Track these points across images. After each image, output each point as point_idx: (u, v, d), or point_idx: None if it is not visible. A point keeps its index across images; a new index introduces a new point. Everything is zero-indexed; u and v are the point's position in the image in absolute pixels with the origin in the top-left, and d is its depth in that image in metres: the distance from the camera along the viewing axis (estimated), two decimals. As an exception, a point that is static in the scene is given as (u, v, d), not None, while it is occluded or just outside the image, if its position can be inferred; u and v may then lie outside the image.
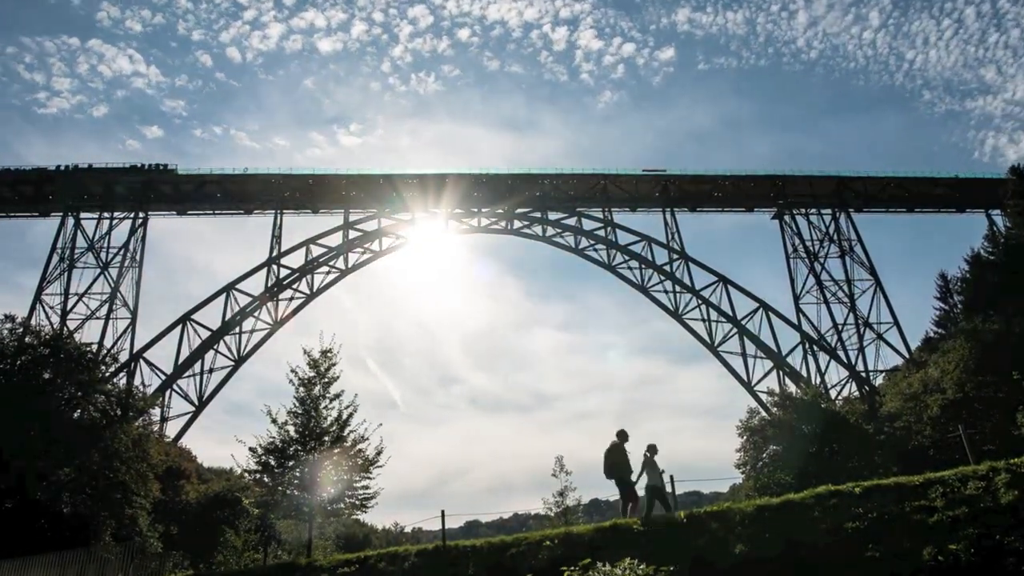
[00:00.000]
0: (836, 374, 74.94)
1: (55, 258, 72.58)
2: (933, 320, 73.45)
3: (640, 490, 20.69)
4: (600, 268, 79.98)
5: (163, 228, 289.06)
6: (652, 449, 20.90)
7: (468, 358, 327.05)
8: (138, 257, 74.37)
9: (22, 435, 35.80)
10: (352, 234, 77.57)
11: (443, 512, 23.79)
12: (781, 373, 72.46)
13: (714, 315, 76.36)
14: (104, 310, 70.27)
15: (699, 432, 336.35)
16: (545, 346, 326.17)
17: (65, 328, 64.55)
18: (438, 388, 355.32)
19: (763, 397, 66.25)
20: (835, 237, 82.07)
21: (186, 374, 69.12)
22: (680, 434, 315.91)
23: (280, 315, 74.60)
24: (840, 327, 77.70)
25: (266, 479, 29.88)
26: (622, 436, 21.50)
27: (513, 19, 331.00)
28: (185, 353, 69.13)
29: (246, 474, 31.40)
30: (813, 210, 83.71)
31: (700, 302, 76.82)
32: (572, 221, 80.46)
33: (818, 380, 71.85)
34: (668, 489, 20.92)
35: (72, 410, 40.84)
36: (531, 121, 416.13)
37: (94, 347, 59.17)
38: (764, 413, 57.67)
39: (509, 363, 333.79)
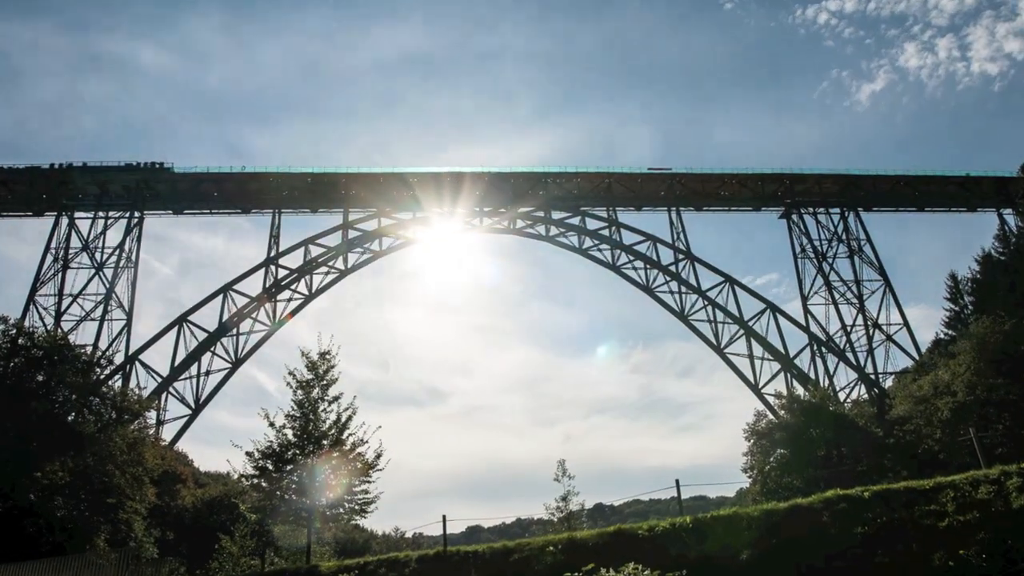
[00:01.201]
0: (845, 376, 74.90)
1: (49, 258, 72.66)
2: (943, 321, 73.55)
3: None
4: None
5: (160, 228, 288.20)
6: None
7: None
8: (133, 257, 74.48)
9: (15, 438, 35.82)
10: (351, 234, 77.56)
11: (444, 517, 23.84)
12: (789, 375, 72.31)
13: (720, 316, 76.28)
14: (99, 311, 70.31)
15: (628, 431, 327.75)
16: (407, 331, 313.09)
17: (59, 330, 64.47)
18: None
19: (770, 400, 66.24)
20: (844, 237, 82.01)
21: (182, 376, 69.06)
22: (601, 432, 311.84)
23: (278, 316, 74.64)
24: (849, 328, 77.63)
25: (264, 484, 29.90)
26: None
27: None
28: (181, 355, 69.14)
29: (243, 479, 31.42)
30: (821, 209, 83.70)
31: (706, 303, 76.69)
32: (576, 220, 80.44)
33: (826, 382, 71.78)
34: (674, 493, 20.89)
35: (66, 413, 40.83)
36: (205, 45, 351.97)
37: (88, 349, 59.44)
38: (771, 416, 57.68)
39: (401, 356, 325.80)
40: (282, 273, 74.84)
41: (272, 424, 29.53)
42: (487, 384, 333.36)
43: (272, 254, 75.23)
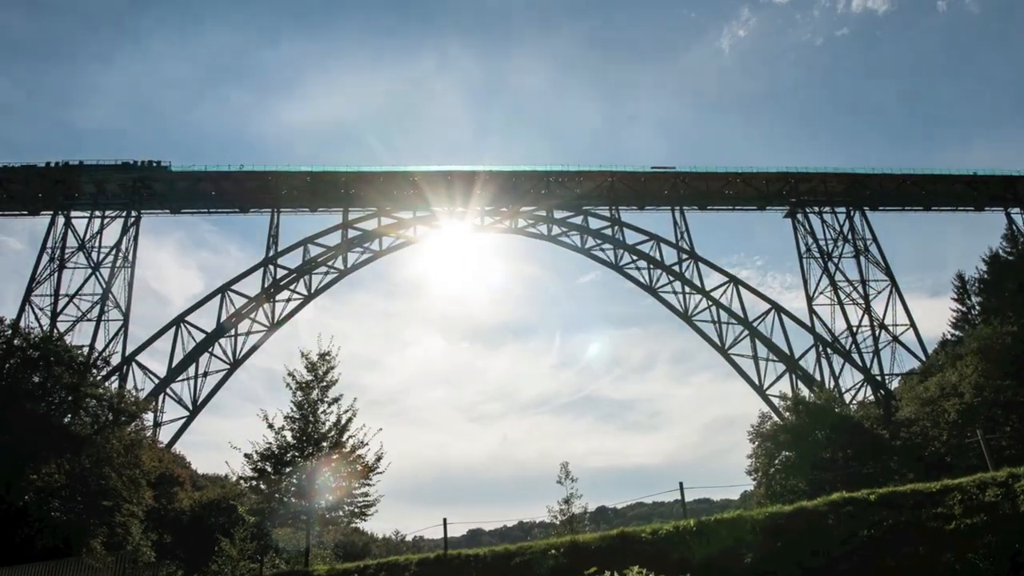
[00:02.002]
0: (850, 378, 74.86)
1: (45, 258, 72.59)
2: (950, 322, 73.54)
3: None
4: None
5: (156, 227, 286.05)
6: None
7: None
8: (130, 257, 74.47)
9: (10, 440, 35.85)
10: (351, 233, 77.57)
11: (445, 520, 23.86)
12: (794, 377, 72.27)
13: (724, 317, 76.25)
14: (95, 311, 70.21)
15: (572, 430, 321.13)
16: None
17: (55, 330, 64.54)
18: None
19: (775, 401, 66.22)
20: (849, 236, 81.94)
21: (180, 378, 69.02)
22: (541, 431, 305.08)
23: (277, 317, 74.66)
24: (855, 329, 77.45)
25: (262, 486, 29.90)
26: None
27: None
28: (179, 356, 69.12)
29: (241, 481, 31.46)
30: (827, 208, 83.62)
31: (710, 303, 76.71)
32: (578, 220, 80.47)
33: (832, 384, 71.73)
34: (678, 496, 20.90)
35: (62, 415, 40.89)
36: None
37: (85, 350, 59.39)
38: (776, 418, 57.65)
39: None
40: (281, 273, 74.85)
41: (271, 426, 29.56)
42: (401, 379, 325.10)
43: (270, 254, 75.25)
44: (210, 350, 70.76)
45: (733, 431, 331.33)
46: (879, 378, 73.78)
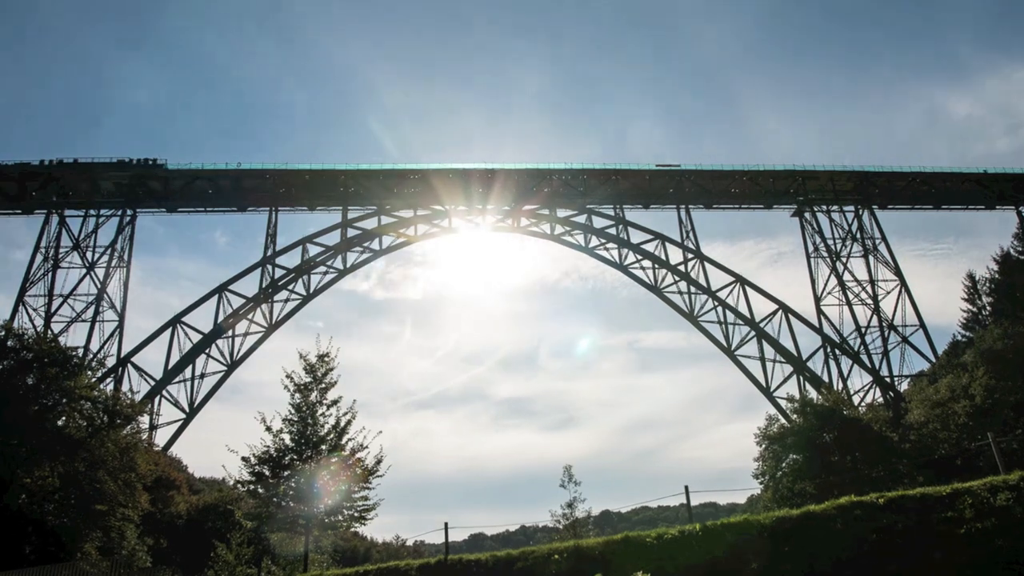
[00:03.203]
0: (859, 379, 74.75)
1: (39, 258, 72.74)
2: (960, 322, 73.41)
3: None
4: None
5: (153, 226, 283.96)
6: None
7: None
8: (126, 256, 74.54)
9: (3, 443, 35.85)
10: (350, 232, 77.56)
11: (446, 524, 23.83)
12: (801, 378, 72.20)
13: (731, 317, 76.17)
14: (90, 312, 70.41)
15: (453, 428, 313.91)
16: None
17: (49, 331, 64.67)
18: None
19: (782, 403, 66.11)
20: (858, 235, 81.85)
21: (176, 379, 69.08)
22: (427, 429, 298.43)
23: (275, 317, 74.65)
24: (863, 330, 77.44)
25: (260, 490, 29.91)
26: None
27: None
28: (175, 357, 69.18)
29: (239, 485, 31.46)
30: (835, 207, 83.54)
31: (716, 303, 76.63)
32: (582, 219, 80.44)
33: (840, 386, 71.69)
34: (683, 500, 20.86)
35: (56, 417, 40.86)
36: None
37: (80, 351, 59.43)
38: (783, 420, 57.57)
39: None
40: (279, 273, 74.87)
41: (269, 428, 29.56)
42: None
43: (268, 253, 75.26)
44: (207, 351, 70.80)
45: (654, 431, 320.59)
46: (888, 380, 73.73)
